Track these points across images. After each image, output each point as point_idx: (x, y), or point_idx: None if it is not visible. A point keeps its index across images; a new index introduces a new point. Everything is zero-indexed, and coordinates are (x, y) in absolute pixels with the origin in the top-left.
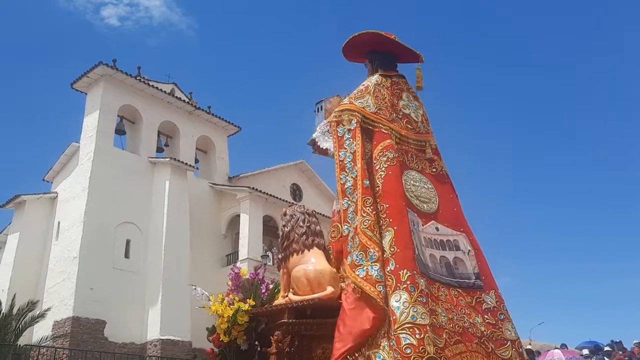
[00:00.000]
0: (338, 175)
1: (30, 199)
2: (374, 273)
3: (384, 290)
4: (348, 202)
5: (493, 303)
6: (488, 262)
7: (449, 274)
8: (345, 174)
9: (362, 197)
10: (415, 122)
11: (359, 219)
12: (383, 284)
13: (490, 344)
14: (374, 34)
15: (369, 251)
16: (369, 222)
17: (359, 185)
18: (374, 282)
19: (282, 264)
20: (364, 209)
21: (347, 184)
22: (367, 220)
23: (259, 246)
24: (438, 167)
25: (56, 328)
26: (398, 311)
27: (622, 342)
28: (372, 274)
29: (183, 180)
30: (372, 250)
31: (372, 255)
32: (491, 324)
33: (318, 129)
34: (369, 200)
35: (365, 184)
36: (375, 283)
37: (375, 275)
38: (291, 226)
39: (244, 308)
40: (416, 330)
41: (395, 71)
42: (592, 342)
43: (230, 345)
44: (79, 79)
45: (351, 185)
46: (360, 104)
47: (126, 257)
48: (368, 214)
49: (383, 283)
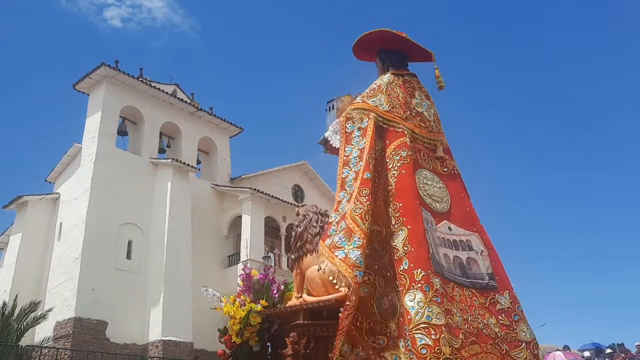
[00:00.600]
0: (340, 169)
1: (32, 199)
2: (353, 256)
3: (360, 277)
4: (344, 194)
5: (507, 304)
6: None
7: (462, 274)
8: (348, 169)
9: (358, 187)
10: (428, 120)
11: (351, 206)
12: (361, 269)
13: (504, 345)
14: (385, 31)
15: (353, 236)
16: (361, 211)
17: (360, 177)
18: (351, 264)
19: (296, 265)
20: (359, 197)
21: (349, 177)
22: (359, 208)
23: (261, 247)
24: (449, 166)
25: (58, 329)
26: (413, 311)
27: (624, 344)
28: (351, 256)
29: (185, 181)
30: (357, 236)
31: (356, 241)
32: (505, 325)
33: (330, 128)
34: (365, 190)
35: (366, 175)
36: (352, 266)
37: (354, 258)
38: (304, 226)
39: (256, 309)
40: (431, 330)
41: (406, 70)
42: (595, 344)
43: (242, 347)
44: (81, 80)
45: (352, 178)
46: (373, 103)
47: (128, 258)
48: (362, 203)
49: (361, 269)
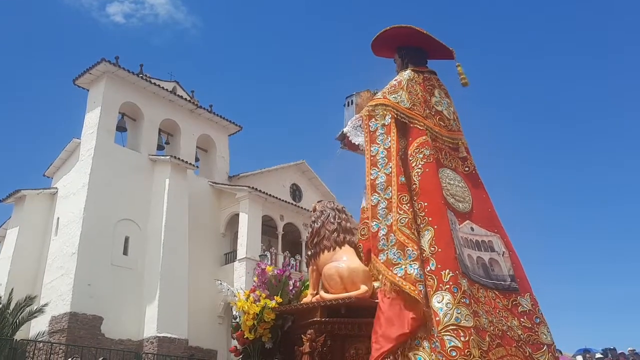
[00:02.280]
0: (368, 170)
1: (30, 194)
2: (413, 272)
3: (424, 290)
4: (378, 198)
5: (529, 306)
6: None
7: (485, 275)
8: (377, 170)
9: (397, 194)
10: (448, 119)
11: (395, 216)
12: (423, 283)
13: (527, 348)
14: (406, 27)
15: (407, 249)
16: (406, 220)
17: (394, 181)
18: (413, 281)
19: (312, 261)
20: (401, 206)
21: (379, 179)
22: (404, 217)
23: (258, 245)
24: (470, 166)
25: (53, 323)
26: (441, 312)
27: (616, 349)
28: (411, 272)
29: (183, 178)
30: (411, 249)
31: (411, 254)
32: (527, 327)
33: (349, 124)
34: (406, 197)
35: (401, 180)
36: (415, 282)
37: (415, 274)
38: (321, 222)
39: (270, 305)
40: (460, 332)
41: (425, 67)
42: (587, 349)
43: (254, 343)
44: (81, 75)
45: (384, 181)
46: (394, 99)
47: (125, 254)
48: (405, 211)
49: (423, 282)
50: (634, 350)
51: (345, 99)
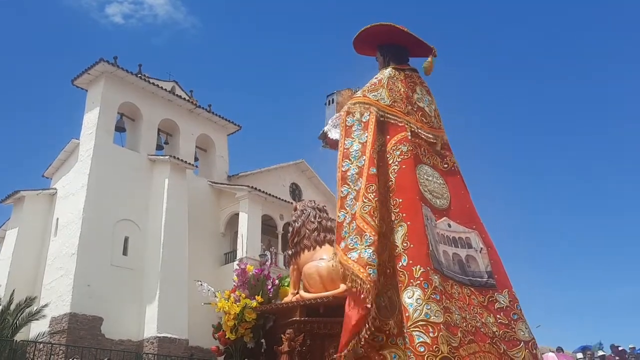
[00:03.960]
0: (340, 162)
1: (29, 194)
2: (365, 255)
3: (375, 275)
4: (348, 189)
5: (506, 302)
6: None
7: (461, 271)
8: (349, 162)
9: (365, 184)
10: (429, 116)
11: (360, 204)
12: (374, 267)
13: (502, 345)
14: (386, 25)
15: (364, 234)
16: (369, 208)
17: (365, 172)
18: (364, 263)
19: (293, 260)
20: (366, 194)
21: (351, 171)
22: (368, 205)
23: (258, 245)
24: (450, 162)
25: (53, 324)
26: (411, 308)
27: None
28: (364, 256)
29: (182, 178)
30: (368, 234)
31: (367, 239)
32: (504, 324)
33: (330, 122)
34: (373, 186)
35: (372, 171)
36: (365, 265)
37: (367, 257)
38: (302, 222)
39: (251, 305)
40: (430, 328)
41: (407, 65)
42: (587, 346)
43: (236, 343)
44: (80, 75)
45: (355, 173)
46: (374, 97)
47: (124, 254)
48: (369, 200)
49: (375, 267)
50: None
51: (327, 98)
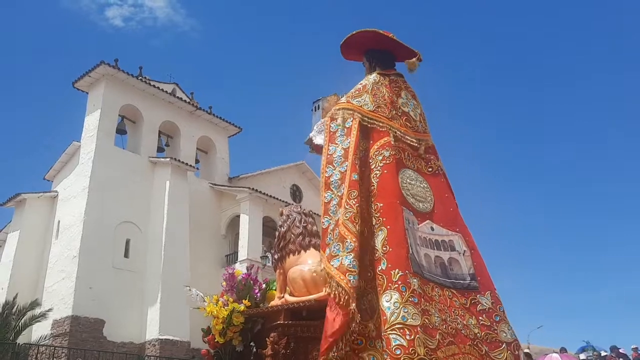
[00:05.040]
0: (324, 168)
1: (30, 197)
2: (346, 262)
3: (355, 280)
4: (332, 195)
5: (489, 304)
6: (485, 263)
7: (443, 274)
8: (332, 168)
9: (347, 190)
10: (414, 120)
11: (342, 211)
12: (355, 273)
13: (483, 347)
14: (372, 32)
15: (345, 241)
16: (351, 214)
17: (347, 178)
18: (345, 270)
19: (279, 265)
20: (348, 201)
21: (334, 177)
22: (349, 212)
23: (259, 247)
24: (434, 166)
25: (55, 327)
26: (389, 311)
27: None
28: (345, 262)
29: (183, 180)
30: (349, 241)
31: (348, 246)
32: (486, 325)
33: (315, 128)
34: (354, 192)
35: (354, 177)
36: (346, 272)
37: (347, 264)
38: (287, 226)
39: (238, 309)
40: (406, 331)
41: (393, 70)
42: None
43: (225, 347)
44: (81, 78)
45: (338, 179)
46: (358, 103)
47: (126, 257)
48: (351, 206)
49: (355, 273)
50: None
51: (313, 104)
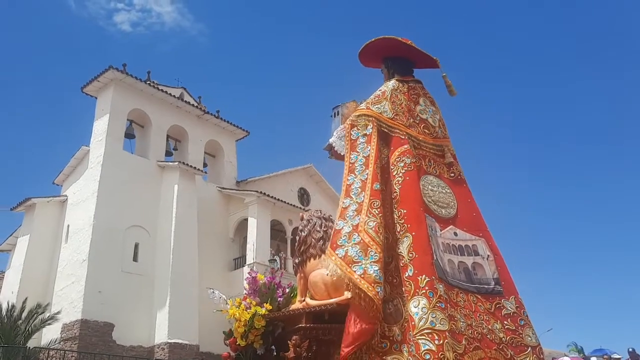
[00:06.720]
0: (345, 177)
1: (40, 202)
2: (372, 272)
3: (382, 293)
4: (350, 201)
5: (513, 309)
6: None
7: (467, 279)
8: (354, 176)
9: (369, 199)
10: (433, 127)
11: (363, 219)
12: (382, 285)
13: (509, 351)
14: (390, 39)
15: (369, 250)
16: (375, 224)
17: (368, 187)
18: (372, 281)
19: (299, 269)
20: (371, 210)
21: (355, 185)
22: (373, 221)
23: (267, 250)
24: (456, 171)
25: (65, 331)
26: (417, 317)
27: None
28: (371, 272)
29: (191, 184)
30: (374, 251)
31: (373, 255)
32: (511, 330)
33: (335, 134)
34: (377, 202)
35: (375, 187)
36: (373, 283)
37: (374, 275)
38: (308, 231)
39: (260, 312)
40: (435, 336)
41: (411, 76)
42: (602, 350)
43: (247, 349)
44: (89, 83)
45: (359, 187)
46: (377, 110)
47: (135, 261)
48: (374, 215)
49: (382, 284)
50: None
51: (332, 110)
